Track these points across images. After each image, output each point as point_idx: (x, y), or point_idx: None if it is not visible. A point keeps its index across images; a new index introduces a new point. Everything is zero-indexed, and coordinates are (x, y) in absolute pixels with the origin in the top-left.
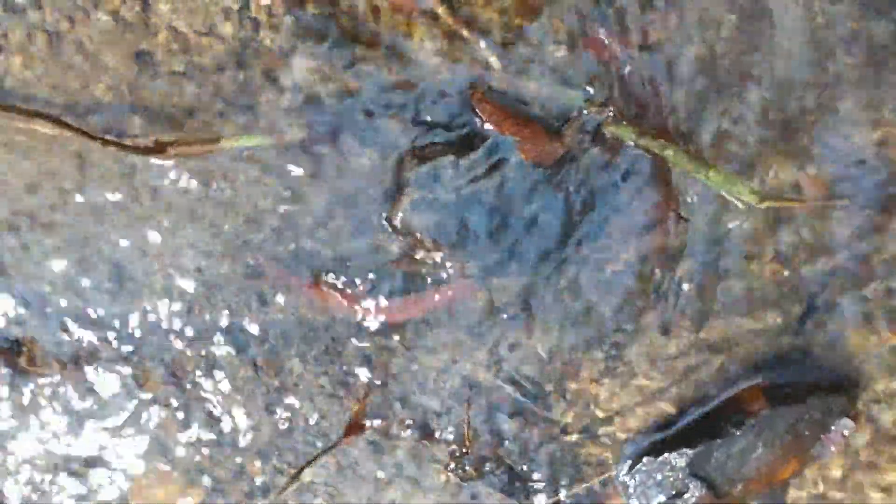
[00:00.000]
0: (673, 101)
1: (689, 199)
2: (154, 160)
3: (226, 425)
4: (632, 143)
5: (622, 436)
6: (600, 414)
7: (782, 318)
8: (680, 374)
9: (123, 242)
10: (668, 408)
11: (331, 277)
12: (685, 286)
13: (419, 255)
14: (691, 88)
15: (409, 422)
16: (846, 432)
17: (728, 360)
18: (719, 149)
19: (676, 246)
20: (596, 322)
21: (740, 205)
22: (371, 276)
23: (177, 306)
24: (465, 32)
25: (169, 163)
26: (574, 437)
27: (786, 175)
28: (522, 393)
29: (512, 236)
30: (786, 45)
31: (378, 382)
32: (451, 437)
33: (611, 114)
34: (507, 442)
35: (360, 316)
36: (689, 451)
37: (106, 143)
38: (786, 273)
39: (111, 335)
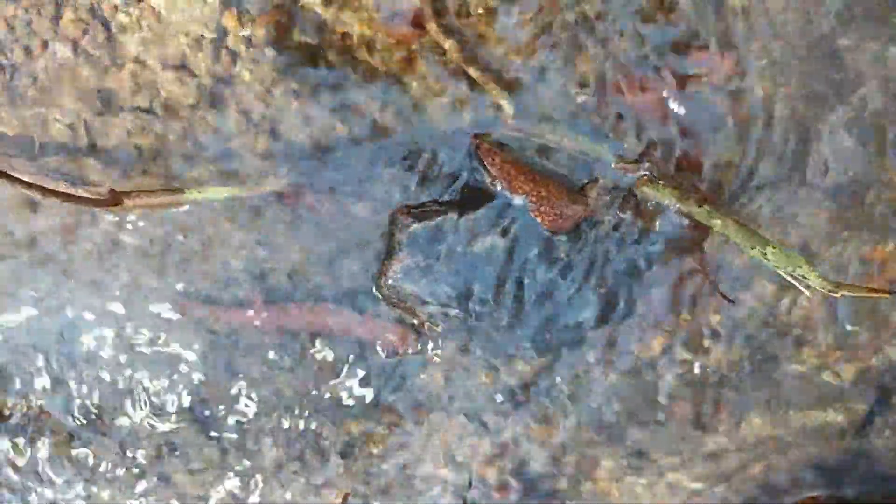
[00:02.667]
0: (724, 159)
1: (732, 276)
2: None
3: None
4: (670, 209)
5: None
6: None
7: (843, 415)
8: (718, 478)
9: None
10: None
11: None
12: (725, 374)
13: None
14: (747, 145)
15: None
16: None
17: (774, 465)
18: (777, 220)
19: (714, 328)
20: (618, 413)
21: (806, 291)
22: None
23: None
24: (473, 71)
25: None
26: None
27: (852, 251)
28: (529, 492)
29: (521, 313)
30: (863, 90)
31: (359, 479)
32: None
33: (646, 172)
34: None
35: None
36: None
37: (52, 194)
38: (849, 362)
39: (59, 403)
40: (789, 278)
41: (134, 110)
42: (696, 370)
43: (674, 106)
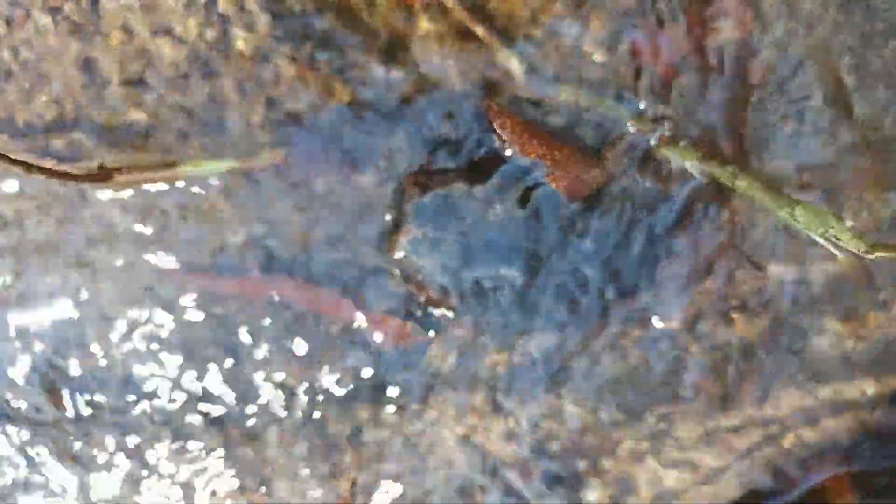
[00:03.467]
0: (747, 116)
1: (757, 240)
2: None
3: None
4: (693, 171)
5: None
6: (644, 497)
7: (875, 387)
8: (743, 454)
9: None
10: (726, 492)
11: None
12: (750, 346)
13: (422, 301)
14: (771, 101)
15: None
16: None
17: (800, 439)
18: (803, 179)
19: (741, 297)
20: (639, 389)
21: (838, 253)
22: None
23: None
24: (479, 30)
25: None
26: None
27: (886, 209)
28: (548, 473)
29: (538, 285)
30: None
31: (368, 461)
32: None
33: (665, 132)
34: None
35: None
36: None
37: (37, 170)
38: (881, 329)
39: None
40: (820, 240)
41: (123, 83)
42: (720, 342)
43: (694, 60)
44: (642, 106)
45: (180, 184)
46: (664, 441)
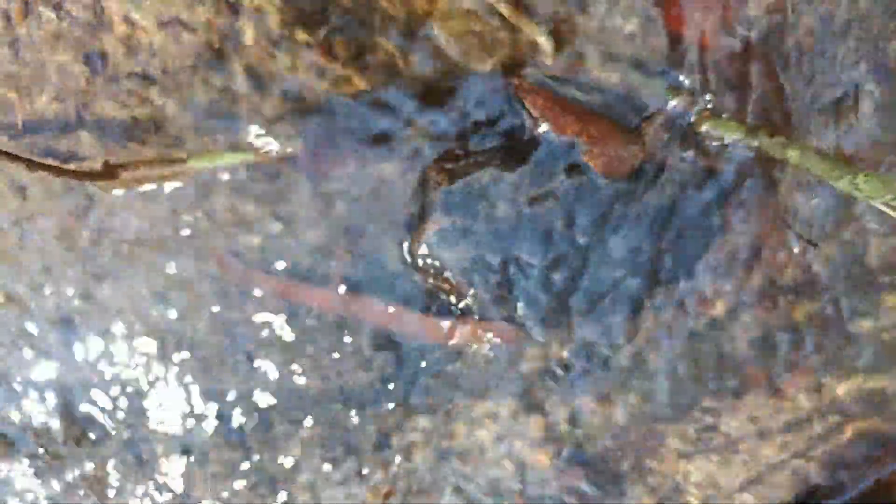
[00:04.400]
0: (794, 87)
1: (806, 218)
2: (105, 189)
3: None
4: (738, 144)
5: None
6: (693, 500)
7: None
8: (800, 448)
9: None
10: (780, 492)
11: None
12: (803, 332)
13: (447, 298)
14: (821, 69)
15: None
16: None
17: (868, 428)
18: (851, 151)
19: (789, 279)
20: (685, 382)
21: None
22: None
23: (138, 373)
24: (504, 7)
25: (125, 192)
26: None
27: None
28: (590, 476)
29: (575, 275)
30: None
31: (401, 470)
32: None
33: (707, 106)
34: None
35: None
36: None
37: (37, 167)
38: None
39: (50, 409)
40: (886, 208)
41: (128, 76)
42: (769, 329)
43: (733, 29)
44: (681, 79)
45: (189, 181)
46: (712, 438)
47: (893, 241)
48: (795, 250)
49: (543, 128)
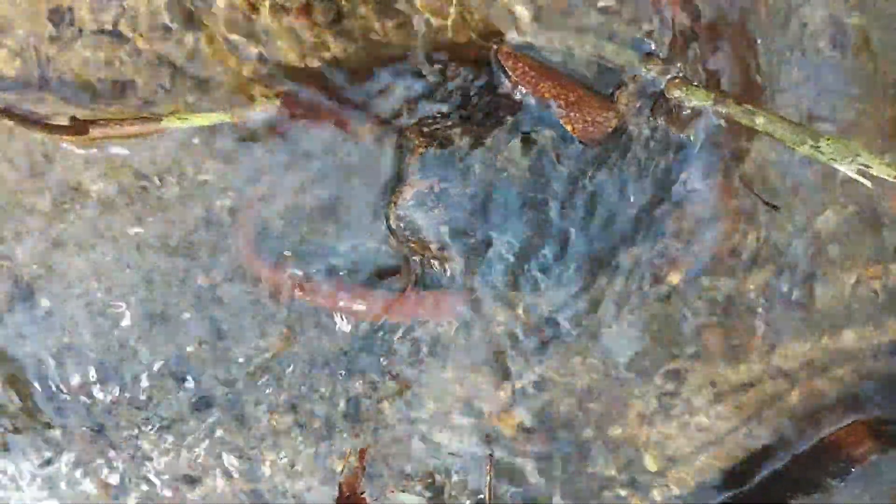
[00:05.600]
0: (761, 53)
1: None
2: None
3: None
4: (707, 111)
5: (681, 492)
6: (652, 465)
7: (886, 334)
8: (753, 411)
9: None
10: (739, 453)
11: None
12: (759, 297)
13: (422, 261)
14: (779, 37)
15: (411, 485)
16: None
17: (812, 391)
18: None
19: (748, 247)
20: (647, 348)
21: (868, 183)
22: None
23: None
24: None
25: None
26: (620, 494)
27: None
28: (553, 441)
29: (548, 238)
30: None
31: (368, 435)
32: (468, 502)
33: (677, 73)
34: None
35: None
36: None
37: (6, 115)
38: (888, 275)
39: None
40: (848, 171)
41: (95, 33)
42: (727, 295)
43: None
44: (652, 47)
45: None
46: (673, 403)
47: (839, 215)
48: (753, 219)
49: (522, 91)
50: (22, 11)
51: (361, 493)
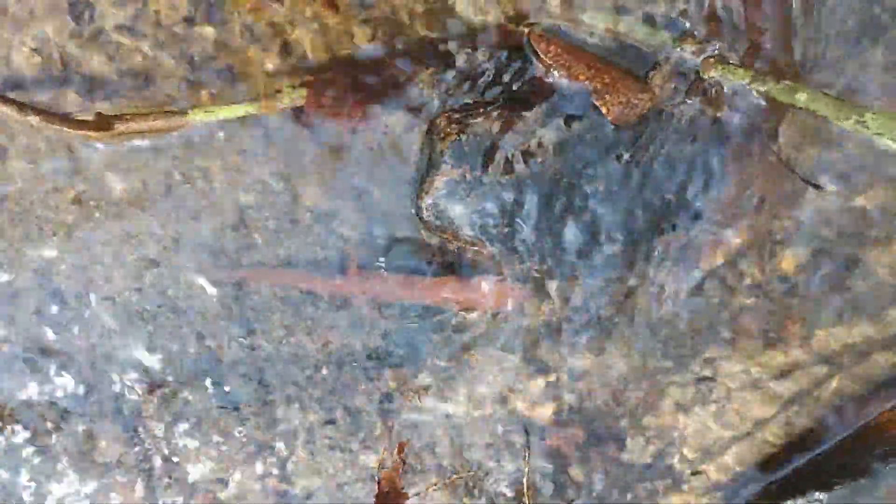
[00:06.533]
0: (801, 29)
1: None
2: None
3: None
4: (746, 90)
5: (719, 479)
6: (689, 453)
7: None
8: (792, 397)
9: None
10: (777, 440)
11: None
12: (798, 280)
13: (456, 250)
14: (833, 11)
15: (445, 479)
16: None
17: (856, 375)
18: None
19: (786, 229)
20: (683, 335)
21: None
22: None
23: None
24: None
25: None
26: (656, 485)
27: None
28: (589, 431)
29: (581, 226)
30: None
31: (403, 430)
32: (508, 493)
33: (714, 52)
34: (572, 494)
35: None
36: (823, 497)
37: (31, 111)
38: None
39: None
40: (893, 144)
41: (117, 28)
42: (766, 279)
43: None
44: (687, 26)
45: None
46: (711, 390)
47: (881, 196)
48: (789, 200)
49: (555, 75)
50: (42, 7)
51: (402, 489)
